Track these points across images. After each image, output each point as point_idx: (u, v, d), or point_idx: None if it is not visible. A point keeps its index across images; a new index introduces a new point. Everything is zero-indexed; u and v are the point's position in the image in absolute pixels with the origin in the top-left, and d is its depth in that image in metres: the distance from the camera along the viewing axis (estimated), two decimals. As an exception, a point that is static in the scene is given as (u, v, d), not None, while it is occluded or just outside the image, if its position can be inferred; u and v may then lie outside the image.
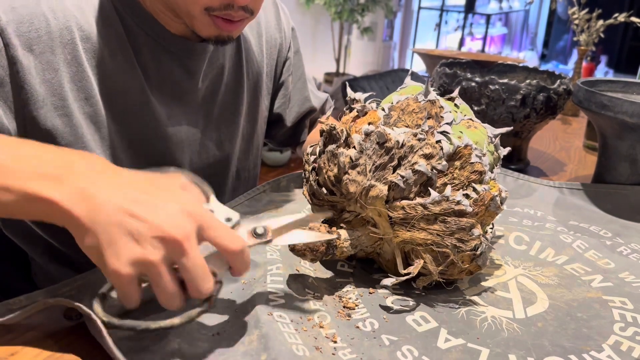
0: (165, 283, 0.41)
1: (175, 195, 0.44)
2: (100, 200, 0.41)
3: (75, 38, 0.63)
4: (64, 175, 0.43)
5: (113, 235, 0.40)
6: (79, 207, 0.42)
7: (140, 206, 0.41)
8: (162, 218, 0.41)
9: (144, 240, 0.40)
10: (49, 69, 0.61)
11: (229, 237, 0.43)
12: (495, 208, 0.56)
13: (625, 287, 0.63)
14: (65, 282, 0.50)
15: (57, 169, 0.44)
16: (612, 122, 0.86)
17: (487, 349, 0.50)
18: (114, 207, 0.41)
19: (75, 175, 0.43)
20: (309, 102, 0.94)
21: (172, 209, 0.42)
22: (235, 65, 0.81)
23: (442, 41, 5.64)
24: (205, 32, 0.66)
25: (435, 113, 0.59)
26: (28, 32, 0.59)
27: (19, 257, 0.83)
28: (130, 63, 0.67)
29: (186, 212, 0.42)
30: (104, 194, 0.42)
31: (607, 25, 1.59)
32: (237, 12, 0.63)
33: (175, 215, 0.41)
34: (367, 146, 0.54)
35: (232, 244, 0.43)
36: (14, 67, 0.59)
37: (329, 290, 0.58)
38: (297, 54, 0.95)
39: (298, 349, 0.46)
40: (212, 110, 0.78)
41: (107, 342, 0.43)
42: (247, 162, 0.89)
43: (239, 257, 0.44)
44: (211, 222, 0.43)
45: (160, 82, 0.70)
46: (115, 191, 0.42)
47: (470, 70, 1.15)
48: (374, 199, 0.54)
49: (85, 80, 0.64)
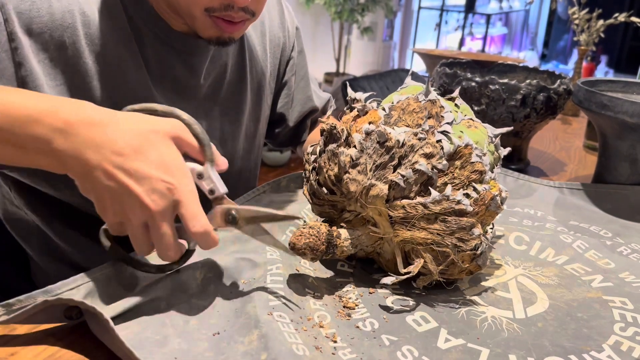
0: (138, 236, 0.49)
1: (165, 160, 0.48)
2: (93, 163, 0.46)
3: (76, 22, 0.63)
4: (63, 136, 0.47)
5: (101, 193, 0.47)
6: (75, 166, 0.47)
7: (126, 174, 0.46)
8: (144, 188, 0.46)
9: (125, 205, 0.47)
10: (45, 49, 0.61)
11: (194, 219, 0.48)
12: (496, 208, 0.56)
13: (626, 287, 0.63)
14: (65, 281, 0.50)
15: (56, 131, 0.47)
16: (613, 122, 0.86)
17: (487, 349, 0.50)
18: (103, 171, 0.46)
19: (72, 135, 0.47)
20: (311, 102, 0.94)
21: (156, 180, 0.46)
22: (238, 64, 0.81)
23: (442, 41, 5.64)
24: (206, 33, 0.66)
25: (436, 113, 0.59)
26: (29, 11, 0.59)
27: (18, 257, 0.83)
28: (133, 55, 0.67)
29: (168, 185, 0.47)
30: (96, 158, 0.46)
31: (607, 25, 1.59)
32: (237, 13, 0.63)
33: (157, 188, 0.46)
34: (368, 145, 0.54)
35: (195, 226, 0.48)
36: (13, 43, 0.59)
37: (329, 290, 0.58)
38: (301, 54, 0.94)
39: (298, 348, 0.46)
40: (214, 108, 0.78)
41: (114, 333, 0.43)
42: (249, 162, 0.89)
43: (199, 237, 0.48)
44: (187, 199, 0.47)
45: (162, 77, 0.71)
46: (107, 155, 0.46)
47: (471, 70, 1.15)
48: (375, 198, 0.54)
49: (82, 65, 0.64)
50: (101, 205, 0.48)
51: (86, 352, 0.46)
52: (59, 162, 0.48)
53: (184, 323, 0.49)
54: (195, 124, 0.52)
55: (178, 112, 0.52)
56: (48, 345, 0.47)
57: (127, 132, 0.48)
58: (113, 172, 0.46)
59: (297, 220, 0.53)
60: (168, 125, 0.49)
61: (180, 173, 0.48)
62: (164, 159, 0.47)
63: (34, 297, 0.48)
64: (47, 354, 0.46)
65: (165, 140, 0.48)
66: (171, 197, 0.47)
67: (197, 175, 0.51)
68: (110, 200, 0.47)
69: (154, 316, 0.49)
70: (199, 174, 0.51)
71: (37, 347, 0.46)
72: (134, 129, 0.48)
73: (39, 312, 0.47)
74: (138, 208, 0.47)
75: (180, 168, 0.48)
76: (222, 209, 0.52)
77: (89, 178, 0.47)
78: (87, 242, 0.75)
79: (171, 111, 0.52)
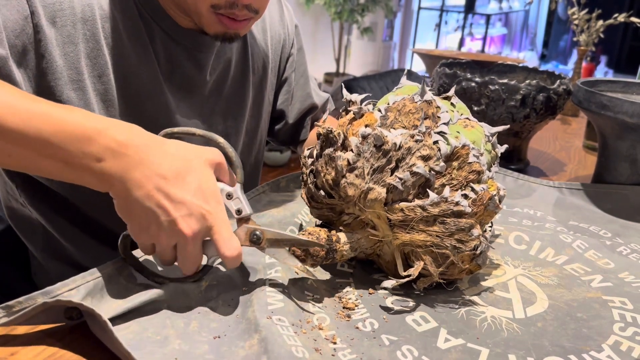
0: (165, 256, 0.51)
1: (202, 186, 0.49)
2: (137, 184, 0.48)
3: (95, 16, 0.64)
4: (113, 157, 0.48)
5: (139, 214, 0.49)
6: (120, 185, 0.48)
7: (166, 198, 0.48)
8: (182, 214, 0.48)
9: (161, 227, 0.49)
10: (69, 42, 0.62)
11: (227, 244, 0.50)
12: (494, 207, 0.56)
13: (625, 287, 0.63)
14: (64, 282, 0.50)
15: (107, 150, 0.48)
16: (612, 122, 0.86)
17: (487, 349, 0.50)
18: (146, 194, 0.48)
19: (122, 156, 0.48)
20: (310, 99, 0.95)
21: (193, 206, 0.48)
22: (241, 60, 0.82)
23: (442, 41, 5.65)
24: (212, 30, 0.67)
25: (432, 113, 0.59)
26: (52, 4, 0.61)
27: (19, 257, 0.83)
28: (145, 50, 0.69)
29: (204, 211, 0.49)
30: (141, 180, 0.48)
31: (606, 25, 1.59)
32: (241, 11, 0.65)
33: (193, 214, 0.48)
34: (365, 149, 0.54)
35: (228, 251, 0.49)
36: (38, 35, 0.60)
37: (329, 291, 0.58)
38: (300, 51, 0.95)
39: (297, 350, 0.46)
40: (219, 103, 0.80)
41: (112, 334, 0.43)
42: (250, 157, 0.89)
43: (231, 261, 0.50)
44: (219, 225, 0.49)
45: (170, 73, 0.72)
46: (152, 178, 0.48)
47: (470, 71, 1.15)
48: (373, 201, 0.54)
49: (100, 57, 0.65)
50: (136, 225, 0.50)
51: (86, 351, 0.46)
52: (104, 181, 0.49)
53: (184, 325, 0.49)
54: (229, 148, 0.55)
55: (215, 137, 0.56)
56: (48, 345, 0.47)
57: (171, 156, 0.50)
58: (154, 195, 0.48)
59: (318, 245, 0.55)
60: (210, 154, 0.52)
61: (215, 201, 0.50)
62: (201, 186, 0.49)
63: (34, 299, 0.48)
64: (47, 354, 0.46)
65: (206, 168, 0.51)
66: (205, 223, 0.49)
67: (226, 195, 0.53)
68: (146, 221, 0.49)
69: (154, 317, 0.50)
70: (229, 194, 0.53)
71: (37, 347, 0.46)
72: (179, 155, 0.50)
73: (39, 314, 0.47)
74: (172, 231, 0.48)
75: (215, 196, 0.50)
76: (247, 229, 0.54)
77: (130, 198, 0.48)
78: (90, 241, 0.75)
79: (210, 136, 0.56)
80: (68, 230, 0.75)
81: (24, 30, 0.58)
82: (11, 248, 0.82)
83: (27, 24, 0.59)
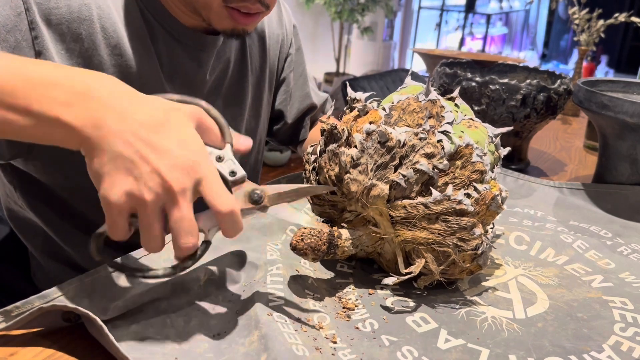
0: (150, 223, 0.43)
1: (185, 138, 0.44)
2: (112, 130, 0.42)
3: (92, 15, 0.64)
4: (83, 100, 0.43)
5: (116, 165, 0.41)
6: (93, 134, 0.42)
7: (148, 146, 0.42)
8: (165, 163, 0.42)
9: (142, 179, 0.41)
10: (62, 40, 0.62)
11: (221, 197, 0.43)
12: (496, 207, 0.56)
13: (626, 287, 0.63)
14: (61, 285, 0.50)
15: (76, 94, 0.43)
16: (613, 122, 0.86)
17: (487, 349, 0.50)
18: (123, 141, 0.42)
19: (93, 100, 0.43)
20: (309, 99, 0.95)
21: (178, 156, 0.42)
22: (240, 59, 0.82)
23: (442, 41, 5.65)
24: (221, 25, 0.66)
25: (436, 112, 0.59)
26: (47, 2, 0.60)
27: (19, 258, 0.83)
28: (147, 49, 0.68)
29: (190, 162, 0.43)
30: (116, 125, 0.42)
31: (607, 25, 1.59)
32: (254, 4, 0.64)
33: (178, 164, 0.42)
34: (369, 145, 0.54)
35: (222, 204, 0.43)
36: (34, 32, 0.60)
37: (329, 291, 0.58)
38: (299, 51, 0.95)
39: (298, 349, 0.46)
40: (217, 103, 0.79)
41: (108, 338, 0.43)
42: (250, 157, 0.89)
43: (227, 218, 0.44)
44: (210, 177, 0.43)
45: (172, 72, 0.72)
46: (128, 123, 0.42)
47: (471, 70, 1.15)
48: (376, 198, 0.54)
49: (95, 57, 0.65)
50: (110, 182, 0.41)
51: (85, 353, 0.46)
52: (74, 132, 0.43)
53: (184, 323, 0.49)
54: (212, 109, 0.49)
55: (196, 100, 0.50)
56: (47, 346, 0.46)
57: (149, 106, 0.44)
58: (134, 142, 0.42)
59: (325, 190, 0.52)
60: (189, 108, 0.47)
61: (201, 153, 0.44)
62: (185, 138, 0.44)
63: (31, 303, 0.48)
64: (47, 354, 0.45)
65: (187, 121, 0.46)
66: (194, 175, 0.42)
67: (216, 158, 0.48)
68: (124, 174, 0.41)
69: (154, 316, 0.49)
70: (218, 156, 0.48)
71: (36, 348, 0.46)
72: (157, 106, 0.45)
73: (37, 318, 0.46)
74: (157, 186, 0.41)
75: (201, 148, 0.45)
76: (245, 189, 0.48)
77: (104, 148, 0.42)
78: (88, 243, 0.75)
79: (190, 100, 0.50)
80: (66, 233, 0.75)
81: (16, 26, 0.58)
82: (11, 248, 0.82)
83: (21, 21, 0.58)
